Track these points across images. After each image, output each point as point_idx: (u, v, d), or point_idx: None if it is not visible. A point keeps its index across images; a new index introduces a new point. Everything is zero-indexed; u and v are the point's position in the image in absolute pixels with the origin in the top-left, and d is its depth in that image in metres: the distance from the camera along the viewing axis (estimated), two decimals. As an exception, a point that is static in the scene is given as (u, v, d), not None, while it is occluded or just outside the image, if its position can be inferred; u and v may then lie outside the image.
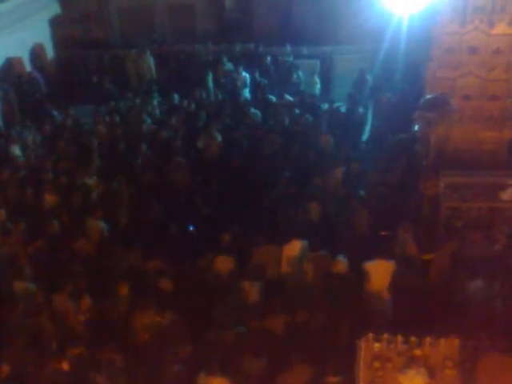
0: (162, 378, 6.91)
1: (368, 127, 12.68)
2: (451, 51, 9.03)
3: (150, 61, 16.09)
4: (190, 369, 6.91)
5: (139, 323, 7.40)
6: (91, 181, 10.65)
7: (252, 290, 7.83)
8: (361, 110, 12.92)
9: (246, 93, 14.60)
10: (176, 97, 14.10)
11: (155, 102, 14.15)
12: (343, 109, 13.30)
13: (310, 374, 6.62)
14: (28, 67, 16.15)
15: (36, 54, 16.68)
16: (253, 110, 13.03)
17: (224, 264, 8.37)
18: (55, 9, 16.97)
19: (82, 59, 17.24)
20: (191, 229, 9.54)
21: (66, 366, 6.86)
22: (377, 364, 6.30)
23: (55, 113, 13.94)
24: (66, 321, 7.64)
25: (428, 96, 8.99)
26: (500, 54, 8.86)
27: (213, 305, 7.74)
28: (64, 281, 8.05)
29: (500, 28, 8.68)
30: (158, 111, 13.79)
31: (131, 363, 6.98)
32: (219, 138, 11.79)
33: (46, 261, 8.86)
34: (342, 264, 7.97)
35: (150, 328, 7.33)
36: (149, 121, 12.97)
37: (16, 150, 11.95)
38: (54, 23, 17.22)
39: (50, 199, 10.19)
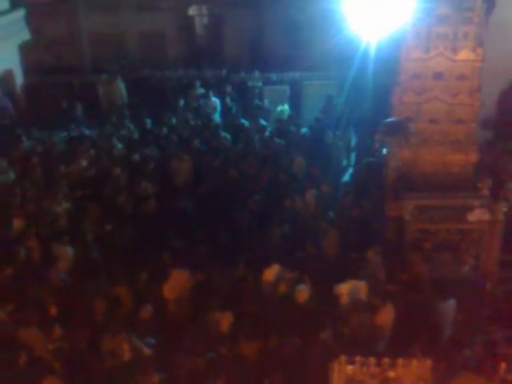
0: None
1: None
2: (416, 77, 9.25)
3: (121, 86, 16.11)
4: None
5: (106, 349, 7.27)
6: (59, 208, 10.50)
7: (223, 321, 7.72)
8: (330, 134, 13.10)
9: (217, 117, 14.69)
10: (148, 121, 14.11)
11: (127, 127, 14.12)
12: (311, 133, 13.46)
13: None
14: (-3, 93, 15.97)
15: (5, 80, 16.50)
16: (223, 134, 13.10)
17: (182, 282, 8.32)
18: (24, 35, 16.88)
19: (52, 85, 17.16)
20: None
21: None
22: (350, 386, 6.30)
23: (24, 139, 13.78)
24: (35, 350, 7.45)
25: (387, 120, 9.18)
26: (464, 79, 9.10)
27: (182, 331, 7.66)
28: (32, 311, 7.87)
29: (464, 54, 8.94)
30: (130, 136, 13.74)
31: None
32: (190, 161, 11.79)
33: (14, 289, 8.66)
34: (303, 293, 7.98)
35: (117, 355, 7.19)
36: (119, 145, 12.91)
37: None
38: (24, 49, 17.10)
39: (17, 224, 10.02)
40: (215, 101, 15.16)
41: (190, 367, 7.07)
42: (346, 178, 11.50)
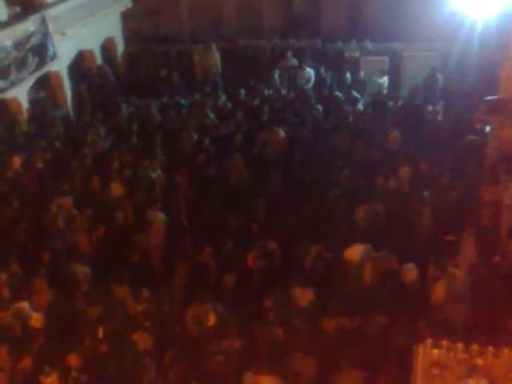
0: (205, 368, 6.87)
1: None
2: (529, 50, 8.60)
3: (216, 56, 16.19)
4: (236, 364, 6.87)
5: (191, 315, 7.46)
6: (154, 174, 10.80)
7: (303, 296, 7.68)
8: (430, 108, 12.52)
9: (311, 88, 14.46)
10: (243, 92, 14.11)
11: (220, 97, 14.22)
12: (410, 106, 12.94)
13: (361, 380, 6.46)
14: (99, 60, 16.59)
15: (107, 47, 17.12)
16: (316, 105, 12.87)
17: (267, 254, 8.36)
18: (127, 3, 17.34)
19: (151, 53, 17.61)
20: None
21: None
22: (435, 371, 6.05)
23: (123, 106, 14.25)
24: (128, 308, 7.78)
25: (490, 97, 8.61)
26: None
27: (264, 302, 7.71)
28: (123, 272, 8.22)
29: None
30: (222, 106, 13.84)
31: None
32: (282, 133, 11.70)
33: (107, 250, 9.07)
34: (413, 272, 7.68)
35: (202, 321, 7.35)
36: (212, 116, 13.04)
37: (89, 139, 12.32)
38: (125, 17, 17.60)
39: (116, 188, 10.42)
40: (309, 71, 14.91)
41: (269, 338, 7.11)
42: (445, 155, 10.93)
